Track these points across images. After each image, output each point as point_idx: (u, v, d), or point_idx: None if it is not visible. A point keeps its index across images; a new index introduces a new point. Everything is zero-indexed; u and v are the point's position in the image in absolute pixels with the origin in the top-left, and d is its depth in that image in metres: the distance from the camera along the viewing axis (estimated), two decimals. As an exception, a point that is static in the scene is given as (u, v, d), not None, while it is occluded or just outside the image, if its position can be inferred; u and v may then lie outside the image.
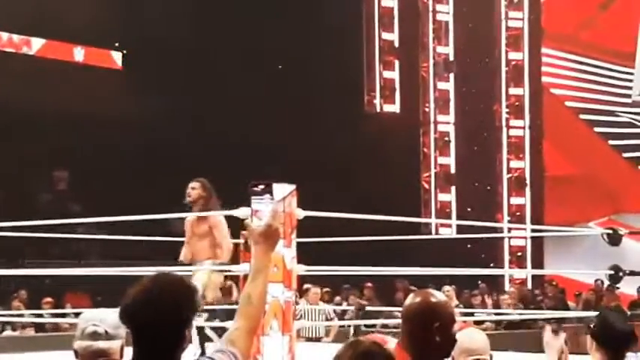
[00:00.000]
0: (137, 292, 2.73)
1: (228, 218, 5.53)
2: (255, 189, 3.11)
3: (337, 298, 14.85)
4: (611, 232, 7.69)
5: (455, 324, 3.33)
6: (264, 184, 3.13)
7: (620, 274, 7.51)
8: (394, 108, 22.68)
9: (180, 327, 2.70)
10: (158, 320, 2.67)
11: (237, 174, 13.70)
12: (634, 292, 15.41)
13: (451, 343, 3.32)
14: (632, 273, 7.68)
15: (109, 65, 20.44)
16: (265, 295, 2.97)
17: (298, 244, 5.66)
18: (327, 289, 14.48)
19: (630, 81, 21.51)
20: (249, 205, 5.27)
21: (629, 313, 7.96)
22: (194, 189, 7.93)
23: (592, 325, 4.30)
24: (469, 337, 4.02)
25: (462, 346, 3.98)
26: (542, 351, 4.80)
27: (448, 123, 22.55)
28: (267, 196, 3.14)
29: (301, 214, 5.44)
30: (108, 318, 3.32)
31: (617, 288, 12.06)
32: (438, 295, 3.39)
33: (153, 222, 7.61)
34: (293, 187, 5.25)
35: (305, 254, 7.05)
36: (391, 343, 3.25)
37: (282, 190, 5.20)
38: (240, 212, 5.37)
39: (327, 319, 12.02)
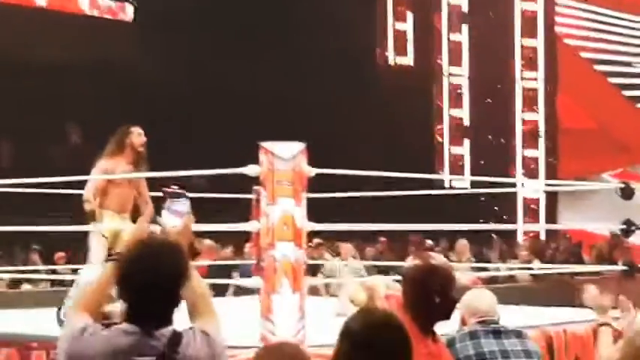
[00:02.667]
0: (133, 256, 2.79)
1: (237, 175, 5.45)
2: (169, 191, 3.10)
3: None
4: (623, 185, 7.65)
5: (454, 286, 3.35)
6: (178, 186, 3.14)
7: (633, 227, 7.48)
8: (407, 60, 22.56)
9: (175, 287, 2.76)
10: (157, 282, 2.73)
11: (247, 130, 13.69)
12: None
13: (451, 304, 3.35)
14: (646, 227, 7.63)
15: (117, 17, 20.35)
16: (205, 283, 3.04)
17: (311, 199, 5.63)
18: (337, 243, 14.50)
19: (644, 31, 21.34)
20: (256, 162, 5.25)
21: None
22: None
23: None
24: (477, 298, 4.04)
25: (470, 307, 4.00)
26: (548, 304, 4.83)
27: (461, 75, 22.42)
28: (183, 198, 3.14)
29: (312, 171, 5.40)
30: None
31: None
32: (437, 258, 3.43)
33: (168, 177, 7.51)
34: (302, 145, 5.21)
35: (318, 209, 7.04)
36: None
37: (292, 149, 5.18)
38: (250, 170, 5.32)
39: (359, 277, 11.91)
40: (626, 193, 7.57)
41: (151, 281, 2.72)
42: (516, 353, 3.83)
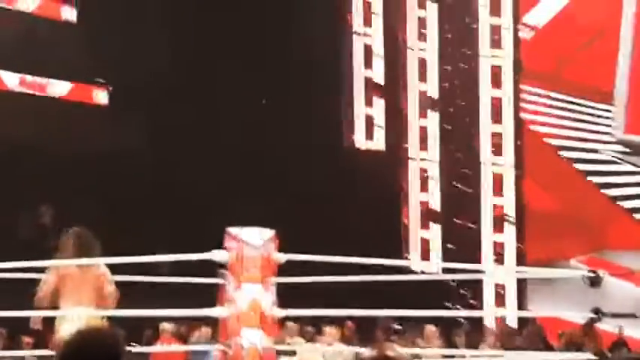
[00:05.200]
0: (67, 344, 2.83)
1: (207, 260, 5.46)
2: None
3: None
4: (593, 275, 7.73)
5: None
6: None
7: (600, 315, 7.53)
8: (375, 145, 22.71)
9: None
10: None
11: (217, 214, 13.67)
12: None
13: None
14: (614, 315, 7.69)
15: (92, 101, 20.34)
16: None
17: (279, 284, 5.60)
18: (310, 328, 14.41)
19: (609, 118, 21.63)
20: (219, 247, 5.26)
21: (609, 354, 7.97)
22: None
23: None
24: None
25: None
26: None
27: (430, 160, 22.55)
28: None
29: (282, 258, 5.40)
30: None
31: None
32: (395, 349, 3.41)
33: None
34: (272, 232, 5.21)
35: (285, 294, 6.97)
36: None
37: (261, 235, 5.17)
38: (218, 255, 5.34)
39: None
40: (594, 282, 7.64)
41: None
42: None
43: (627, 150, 21.38)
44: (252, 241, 5.11)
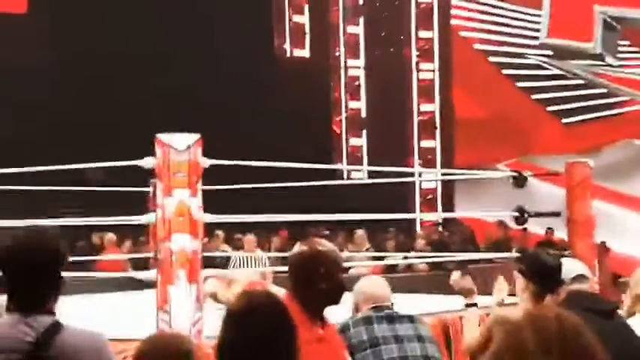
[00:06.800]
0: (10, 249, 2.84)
1: (134, 168, 5.49)
2: None
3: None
4: (516, 174, 7.85)
5: (341, 271, 3.38)
6: None
7: (525, 215, 7.66)
8: (304, 52, 22.62)
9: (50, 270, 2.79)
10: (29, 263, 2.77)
11: (149, 122, 13.57)
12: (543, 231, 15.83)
13: (338, 289, 3.36)
14: (537, 214, 7.83)
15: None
16: None
17: (209, 192, 5.61)
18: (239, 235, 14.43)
19: (538, 23, 21.74)
20: (154, 155, 5.25)
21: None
22: None
23: (522, 265, 4.34)
24: (371, 285, 4.08)
25: (364, 294, 4.04)
26: (449, 293, 4.92)
27: (358, 67, 22.57)
28: None
29: (207, 162, 5.40)
30: None
31: (525, 229, 12.34)
32: (324, 244, 3.45)
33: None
34: (197, 136, 5.22)
35: (217, 202, 6.98)
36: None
37: (187, 140, 5.17)
38: (145, 162, 5.33)
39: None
40: (519, 182, 7.77)
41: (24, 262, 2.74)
42: (409, 338, 3.87)
43: (550, 53, 21.57)
44: (179, 146, 5.11)
